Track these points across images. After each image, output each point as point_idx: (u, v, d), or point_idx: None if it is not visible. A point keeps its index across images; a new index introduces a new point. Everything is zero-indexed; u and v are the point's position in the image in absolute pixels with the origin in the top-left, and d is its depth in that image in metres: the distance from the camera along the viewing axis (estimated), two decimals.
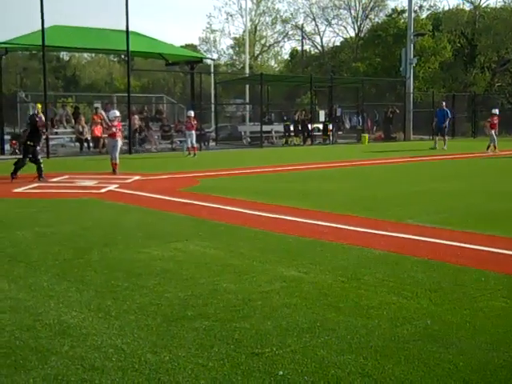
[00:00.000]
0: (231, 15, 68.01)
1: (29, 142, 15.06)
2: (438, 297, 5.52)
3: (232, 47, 65.69)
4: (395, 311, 5.14)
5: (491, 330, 4.70)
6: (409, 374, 3.95)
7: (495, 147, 25.40)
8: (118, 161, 16.63)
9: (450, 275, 6.22)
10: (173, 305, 5.28)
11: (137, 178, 15.59)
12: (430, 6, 56.64)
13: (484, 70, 50.56)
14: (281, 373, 3.97)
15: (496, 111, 27.01)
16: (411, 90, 35.85)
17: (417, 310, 5.16)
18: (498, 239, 8.02)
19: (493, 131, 25.75)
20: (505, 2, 52.20)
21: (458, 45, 51.03)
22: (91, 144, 26.21)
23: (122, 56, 44.36)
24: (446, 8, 55.81)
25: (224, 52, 66.72)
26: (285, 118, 33.69)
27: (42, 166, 14.89)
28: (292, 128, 32.95)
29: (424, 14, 55.77)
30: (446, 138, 27.95)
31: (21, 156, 15.44)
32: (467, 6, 53.69)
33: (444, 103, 29.36)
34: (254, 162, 20.87)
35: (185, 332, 4.65)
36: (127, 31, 24.84)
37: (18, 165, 14.94)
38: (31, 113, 21.43)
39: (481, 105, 42.20)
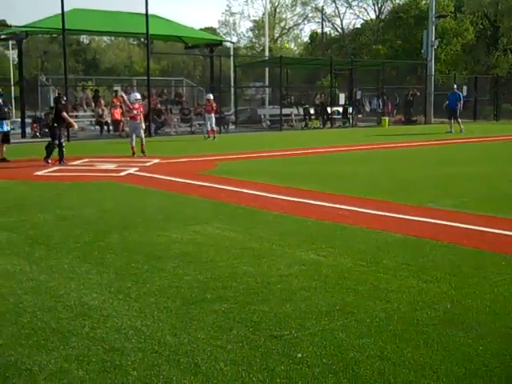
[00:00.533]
0: None
1: (55, 124, 15.17)
2: (457, 281, 5.48)
3: (251, 30, 65.49)
4: (415, 295, 5.12)
5: (511, 315, 4.67)
6: (428, 358, 3.94)
7: None
8: (144, 141, 16.86)
9: (470, 259, 6.18)
10: (192, 287, 5.30)
11: (156, 161, 15.65)
12: None
13: (507, 52, 49.90)
14: (299, 355, 3.98)
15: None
16: (432, 73, 35.46)
17: (436, 294, 5.14)
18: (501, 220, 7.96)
19: None
20: None
21: (481, 26, 50.37)
22: (111, 127, 26.32)
23: (142, 39, 44.43)
24: None
25: (244, 35, 66.63)
26: (303, 102, 33.53)
27: (64, 149, 14.99)
28: (312, 111, 32.81)
29: None
30: (460, 120, 27.55)
31: (49, 139, 15.51)
32: None
33: (456, 86, 28.92)
34: (274, 145, 20.84)
35: (204, 314, 4.67)
36: (146, 14, 24.83)
37: (50, 148, 15.04)
38: (52, 96, 21.55)
39: (503, 87, 41.67)
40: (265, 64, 39.66)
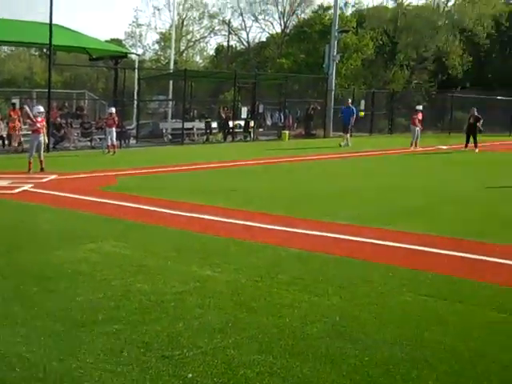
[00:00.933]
0: (159, 9, 67.31)
1: None
2: (347, 293, 5.65)
3: (158, 42, 65.00)
4: (306, 309, 5.23)
5: (396, 325, 4.86)
6: (315, 371, 4.03)
7: (416, 144, 25.89)
8: (43, 156, 16.34)
9: (360, 271, 6.38)
10: (83, 309, 5.19)
11: (53, 177, 15.22)
12: (355, 2, 57.60)
13: (403, 68, 51.89)
14: (190, 375, 3.98)
15: (420, 107, 27.72)
16: (333, 87, 36.34)
17: (327, 307, 5.27)
18: (407, 234, 8.26)
19: (417, 128, 26.28)
20: (426, 0, 53.69)
21: (380, 42, 52.15)
22: (6, 141, 25.37)
23: (44, 50, 43.16)
24: (371, 5, 56.87)
25: (149, 47, 65.90)
26: (206, 116, 33.56)
27: None
28: (215, 125, 32.86)
29: (349, 11, 56.73)
30: (349, 135, 27.72)
31: None
32: (390, 4, 54.93)
33: (350, 100, 29.50)
34: (174, 160, 20.72)
35: (94, 337, 4.59)
36: (50, 24, 24.11)
37: None
38: None
39: (398, 102, 43.30)
40: (169, 77, 39.43)
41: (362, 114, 33.55)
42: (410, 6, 54.45)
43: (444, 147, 26.32)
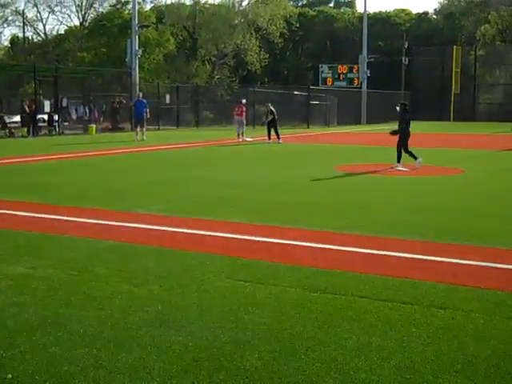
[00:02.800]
0: None
1: None
2: (167, 282, 5.70)
3: None
4: (127, 300, 5.21)
5: (217, 310, 4.99)
6: (142, 360, 4.04)
7: (242, 134, 27.52)
8: None
9: (178, 261, 6.46)
10: None
11: None
12: None
13: (205, 63, 52.92)
14: (10, 376, 3.80)
15: (244, 101, 28.77)
16: (137, 81, 36.12)
17: (148, 297, 5.28)
18: (219, 223, 8.50)
19: (242, 119, 27.84)
20: None
21: (181, 38, 52.67)
22: None
23: None
24: (169, 2, 57.16)
25: None
26: (4, 110, 31.81)
27: None
28: (18, 118, 31.28)
29: (148, 6, 56.53)
30: (145, 129, 27.91)
31: None
32: (188, 1, 55.62)
33: (141, 94, 29.51)
34: None
35: None
36: None
37: None
38: None
39: (203, 96, 44.13)
40: None
41: None
42: (207, 4, 55.63)
43: (249, 139, 27.30)
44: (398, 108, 16.32)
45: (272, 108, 25.98)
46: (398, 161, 15.73)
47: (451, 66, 56.91)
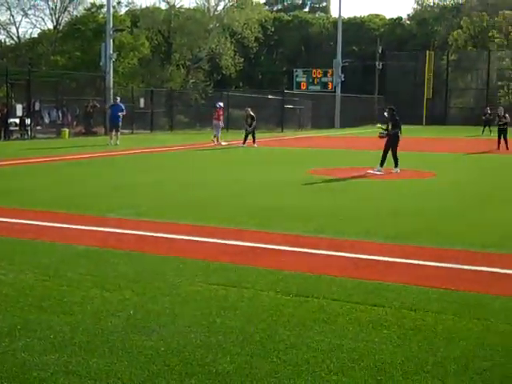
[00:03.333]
0: None
1: None
2: (139, 287, 5.67)
3: None
4: (99, 305, 5.18)
5: (189, 314, 4.98)
6: (113, 365, 4.02)
7: (217, 139, 27.48)
8: None
9: (150, 265, 6.44)
10: None
11: None
12: (129, 2, 57.38)
13: (179, 67, 52.86)
14: None
15: (220, 104, 28.78)
16: (111, 85, 35.93)
17: (120, 302, 5.26)
18: (191, 227, 8.49)
19: (220, 123, 27.87)
20: (197, 4, 55.14)
21: (156, 42, 52.55)
22: None
23: None
24: (144, 6, 57.04)
25: None
26: None
27: None
28: None
29: (123, 10, 56.31)
30: (119, 133, 27.75)
31: None
32: (163, 5, 55.52)
33: (118, 99, 29.28)
34: None
35: None
36: None
37: None
38: None
39: (177, 100, 44.07)
40: None
41: None
42: (183, 9, 55.56)
43: (224, 143, 27.30)
44: (385, 113, 16.43)
45: (251, 113, 26.03)
46: (396, 165, 15.82)
47: (424, 71, 57.51)
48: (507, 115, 24.60)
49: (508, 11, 61.01)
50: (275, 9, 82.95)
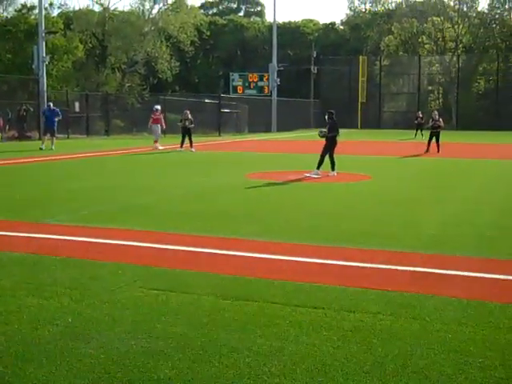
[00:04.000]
0: None
1: None
2: (78, 294, 5.58)
3: None
4: (36, 313, 5.07)
5: (130, 320, 4.94)
6: (51, 375, 3.94)
7: (156, 141, 27.36)
8: None
9: (89, 271, 6.33)
10: None
11: None
12: (61, 4, 56.24)
13: (115, 71, 52.23)
14: None
15: (158, 107, 28.58)
16: (45, 89, 35.19)
17: (58, 310, 5.16)
18: (130, 232, 8.40)
19: (158, 126, 27.84)
20: (132, 6, 54.58)
21: (90, 45, 51.76)
22: None
23: None
24: (77, 8, 56.07)
25: None
26: None
27: None
28: None
29: (55, 12, 55.23)
30: (55, 138, 27.30)
31: None
32: (97, 8, 54.71)
33: (51, 104, 28.73)
34: None
35: None
36: None
37: None
38: None
39: (113, 104, 43.52)
40: None
41: None
42: (117, 11, 54.93)
43: (161, 147, 27.10)
44: (326, 117, 16.66)
45: (190, 116, 25.95)
46: (333, 168, 16.04)
47: (358, 76, 58.56)
48: (441, 119, 25.35)
49: (436, 17, 62.88)
50: (210, 12, 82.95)
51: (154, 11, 54.58)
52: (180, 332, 4.70)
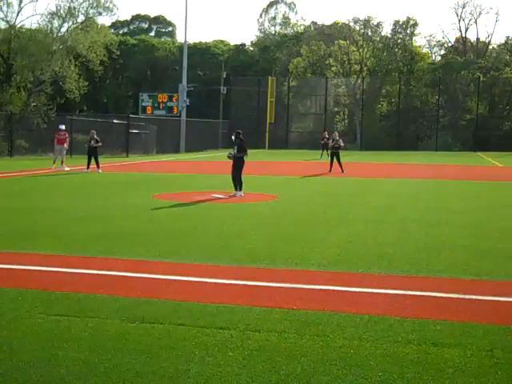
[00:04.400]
0: None
1: None
2: None
3: None
4: None
5: (29, 349, 4.78)
6: None
7: (62, 163, 26.82)
8: None
9: None
10: None
11: None
12: None
13: (20, 90, 50.75)
14: None
15: (62, 127, 27.99)
16: None
17: None
18: (32, 256, 8.15)
19: (63, 146, 27.30)
20: (39, 24, 53.29)
21: None
22: None
23: None
24: None
25: None
26: None
27: None
28: None
29: None
30: None
31: None
32: (2, 25, 53.09)
33: None
34: None
35: None
36: None
37: None
38: None
39: (18, 124, 42.26)
40: None
41: None
42: (24, 29, 53.56)
43: (67, 168, 26.47)
44: (233, 137, 16.75)
45: (96, 136, 25.51)
46: (240, 188, 16.15)
47: (267, 96, 59.38)
48: (341, 140, 26.08)
49: (343, 41, 64.85)
50: (121, 32, 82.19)
51: (63, 29, 53.50)
52: (83, 358, 4.60)
